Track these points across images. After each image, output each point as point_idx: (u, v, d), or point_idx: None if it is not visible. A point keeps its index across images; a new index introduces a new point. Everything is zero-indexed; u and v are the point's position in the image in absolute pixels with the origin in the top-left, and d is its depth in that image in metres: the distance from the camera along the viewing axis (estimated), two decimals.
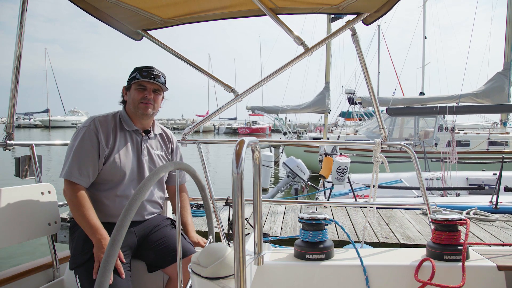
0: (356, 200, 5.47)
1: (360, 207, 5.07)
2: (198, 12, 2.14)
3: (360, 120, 18.48)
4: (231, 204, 2.35)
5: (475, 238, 4.11)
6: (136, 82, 1.96)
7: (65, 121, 57.32)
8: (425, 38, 23.78)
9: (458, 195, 6.57)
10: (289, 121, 30.79)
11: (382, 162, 2.44)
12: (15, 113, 2.14)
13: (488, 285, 1.56)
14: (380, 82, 30.81)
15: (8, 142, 2.11)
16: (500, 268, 1.56)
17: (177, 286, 1.65)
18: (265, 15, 2.03)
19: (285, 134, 17.26)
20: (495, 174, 6.65)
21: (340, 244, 3.81)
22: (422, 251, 1.70)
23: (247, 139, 1.06)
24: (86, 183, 1.82)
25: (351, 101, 14.11)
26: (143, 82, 1.96)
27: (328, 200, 5.76)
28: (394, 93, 15.23)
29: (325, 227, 1.66)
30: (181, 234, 1.98)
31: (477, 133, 12.48)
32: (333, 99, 16.12)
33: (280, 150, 16.59)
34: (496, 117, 14.54)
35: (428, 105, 12.04)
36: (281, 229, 4.40)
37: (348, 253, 1.71)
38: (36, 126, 57.76)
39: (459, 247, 1.58)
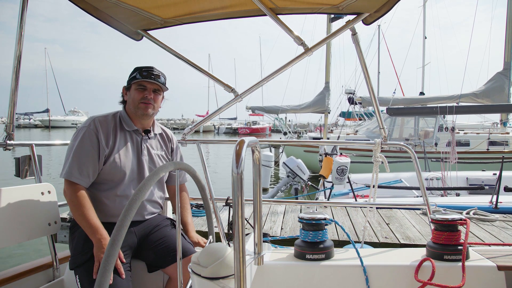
0: (356, 200, 5.47)
1: (360, 207, 5.07)
2: (198, 12, 2.14)
3: (360, 120, 18.48)
4: (231, 204, 2.35)
5: (475, 238, 4.11)
6: (136, 82, 1.96)
7: (65, 121, 57.32)
8: (425, 38, 23.79)
9: (458, 195, 6.57)
10: (289, 121, 30.77)
11: (382, 162, 2.44)
12: (15, 113, 2.14)
13: (488, 285, 1.56)
14: (380, 82, 30.81)
15: (8, 142, 2.11)
16: (500, 268, 1.56)
17: (177, 286, 1.65)
18: (265, 15, 2.03)
19: (285, 134, 17.27)
20: (495, 174, 6.65)
21: (340, 244, 3.81)
22: (422, 251, 1.70)
23: (247, 139, 1.06)
24: (86, 183, 1.82)
25: (351, 101, 14.11)
26: (143, 82, 1.96)
27: (328, 200, 5.76)
28: (394, 93, 15.23)
29: (325, 227, 1.66)
30: (181, 234, 1.98)
31: (477, 133, 12.49)
32: (333, 99, 16.12)
33: (280, 150, 16.59)
34: (496, 117, 14.57)
35: (428, 105, 12.04)
36: (281, 229, 4.40)
37: (348, 253, 1.71)
38: (36, 126, 57.75)
39: (459, 247, 1.58)
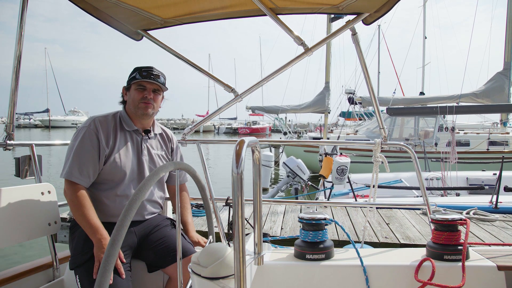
0: (356, 200, 5.46)
1: (360, 207, 5.07)
2: (198, 12, 2.14)
3: (360, 120, 18.48)
4: (231, 204, 2.35)
5: (475, 238, 4.11)
6: (135, 82, 1.96)
7: (65, 121, 57.31)
8: (425, 38, 23.80)
9: (458, 195, 6.57)
10: (289, 121, 30.78)
11: (382, 162, 2.44)
12: (15, 113, 2.14)
13: (488, 285, 1.56)
14: (380, 82, 30.79)
15: (8, 142, 2.11)
16: (500, 268, 1.56)
17: (177, 286, 1.65)
18: (265, 15, 2.03)
19: (285, 134, 17.28)
20: (495, 174, 6.65)
21: (340, 244, 3.81)
22: (422, 251, 1.70)
23: (247, 139, 1.06)
24: (86, 183, 1.82)
25: (351, 101, 14.11)
26: (143, 82, 1.96)
27: (328, 200, 5.75)
28: (394, 93, 15.22)
29: (325, 227, 1.66)
30: (181, 234, 1.98)
31: (477, 133, 12.48)
32: (333, 99, 16.12)
33: (280, 150, 16.59)
34: (496, 117, 14.57)
35: (428, 105, 12.04)
36: (281, 229, 4.40)
37: (348, 253, 1.71)
38: (36, 126, 57.75)
39: (459, 247, 1.58)
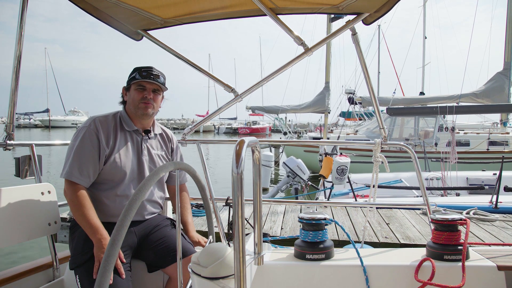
0: (356, 200, 5.46)
1: (360, 207, 5.07)
2: (198, 12, 2.14)
3: (360, 120, 18.48)
4: (231, 204, 2.35)
5: (475, 238, 4.11)
6: (135, 82, 1.96)
7: (65, 121, 57.31)
8: (425, 38, 23.80)
9: (458, 195, 6.57)
10: (289, 121, 30.79)
11: (382, 162, 2.44)
12: (15, 113, 2.14)
13: (488, 285, 1.56)
14: (380, 82, 30.80)
15: (8, 142, 2.11)
16: (500, 268, 1.56)
17: (177, 286, 1.65)
18: (265, 15, 2.03)
19: (285, 134, 17.29)
20: (495, 174, 6.64)
21: (340, 244, 3.81)
22: (422, 251, 1.70)
23: (247, 139, 1.05)
24: (86, 183, 1.82)
25: (351, 101, 14.11)
26: (143, 82, 1.96)
27: (328, 200, 5.75)
28: (394, 93, 15.22)
29: (325, 227, 1.66)
30: (181, 234, 1.98)
31: (477, 133, 12.48)
32: (333, 99, 16.12)
33: (280, 150, 16.60)
34: (496, 117, 14.57)
35: (428, 105, 12.05)
36: (281, 229, 4.40)
37: (348, 253, 1.71)
38: (36, 126, 57.75)
39: (459, 247, 1.58)
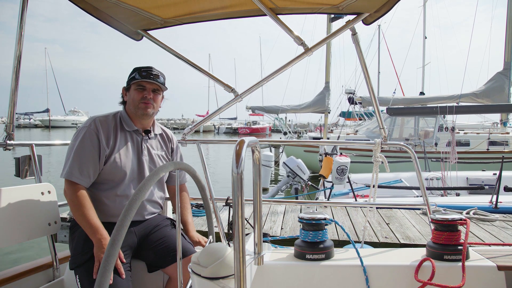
0: (356, 200, 5.46)
1: (360, 207, 5.06)
2: (198, 12, 2.14)
3: (360, 120, 18.48)
4: (231, 204, 2.35)
5: (475, 238, 4.11)
6: (135, 82, 1.96)
7: (65, 121, 57.31)
8: (425, 38, 23.80)
9: (458, 195, 6.57)
10: (289, 121, 30.82)
11: (382, 162, 2.44)
12: (15, 113, 2.14)
13: (488, 285, 1.56)
14: (380, 82, 30.80)
15: (8, 142, 2.11)
16: (500, 268, 1.56)
17: (177, 286, 1.65)
18: (265, 15, 2.03)
19: (285, 134, 17.29)
20: (495, 174, 6.64)
21: (340, 244, 3.81)
22: (422, 251, 1.70)
23: (247, 139, 1.05)
24: (86, 183, 1.82)
25: (351, 101, 14.11)
26: (142, 82, 1.96)
27: (328, 200, 5.75)
28: (394, 93, 15.23)
29: (325, 227, 1.66)
30: (181, 234, 1.98)
31: (477, 133, 12.48)
32: (333, 99, 16.14)
33: (280, 150, 16.60)
34: (496, 117, 14.57)
35: (428, 105, 12.04)
36: (281, 229, 4.40)
37: (348, 253, 1.71)
38: (36, 126, 57.74)
39: (459, 247, 1.58)
